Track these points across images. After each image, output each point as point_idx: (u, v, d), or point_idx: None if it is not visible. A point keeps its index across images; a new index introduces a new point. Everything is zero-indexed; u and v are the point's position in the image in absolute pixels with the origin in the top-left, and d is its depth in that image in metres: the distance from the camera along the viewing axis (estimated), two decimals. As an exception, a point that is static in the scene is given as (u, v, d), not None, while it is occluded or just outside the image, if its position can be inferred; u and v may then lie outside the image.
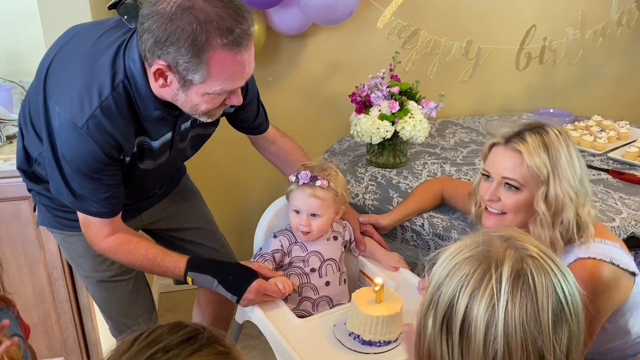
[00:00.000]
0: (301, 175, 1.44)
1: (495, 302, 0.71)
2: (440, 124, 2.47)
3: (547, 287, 0.72)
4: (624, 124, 2.29)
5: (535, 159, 1.20)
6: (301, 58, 2.35)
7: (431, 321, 0.76)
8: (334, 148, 2.24)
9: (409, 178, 1.94)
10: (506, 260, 0.73)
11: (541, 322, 0.70)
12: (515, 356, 0.70)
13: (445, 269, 0.77)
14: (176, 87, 1.15)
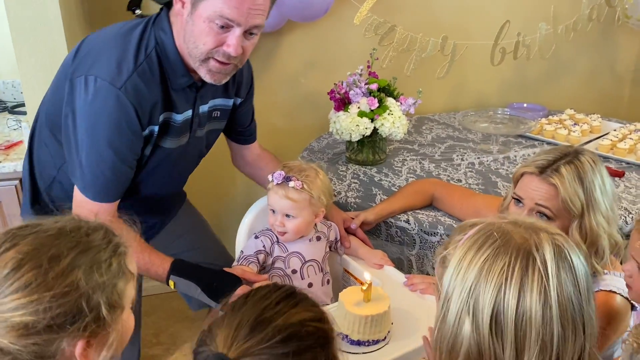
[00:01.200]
0: (275, 175, 1.42)
1: (545, 285, 0.72)
2: (416, 120, 2.48)
3: (579, 257, 0.76)
4: (596, 117, 2.34)
5: (570, 192, 1.18)
6: (277, 55, 2.32)
7: (469, 327, 0.74)
8: (313, 146, 2.22)
9: (390, 175, 1.93)
10: (543, 242, 0.75)
11: (581, 292, 0.74)
12: (568, 332, 0.72)
13: (472, 271, 0.74)
14: (188, 12, 1.21)
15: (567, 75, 2.76)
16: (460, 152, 2.14)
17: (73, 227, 0.75)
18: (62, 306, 0.69)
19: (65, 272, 0.70)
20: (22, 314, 0.68)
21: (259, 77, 2.37)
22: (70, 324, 0.70)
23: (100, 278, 0.73)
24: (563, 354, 0.73)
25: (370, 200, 1.75)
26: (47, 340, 0.70)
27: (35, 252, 0.71)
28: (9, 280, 0.69)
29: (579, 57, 2.73)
